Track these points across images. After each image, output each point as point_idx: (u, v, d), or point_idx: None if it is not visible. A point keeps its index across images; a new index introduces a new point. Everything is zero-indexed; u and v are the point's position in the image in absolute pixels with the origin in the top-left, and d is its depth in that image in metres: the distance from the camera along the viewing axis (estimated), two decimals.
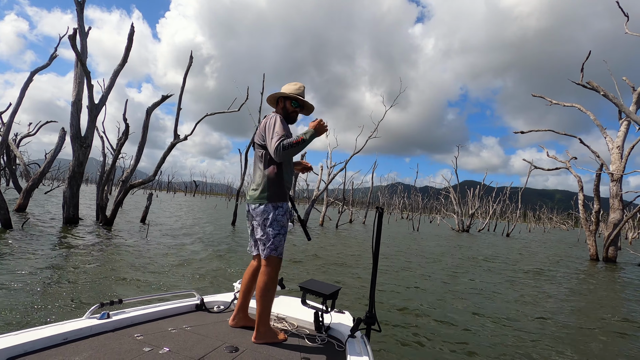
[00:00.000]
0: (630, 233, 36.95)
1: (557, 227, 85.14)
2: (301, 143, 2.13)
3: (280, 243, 2.20)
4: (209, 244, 9.77)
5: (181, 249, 8.47)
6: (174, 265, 6.70)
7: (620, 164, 14.70)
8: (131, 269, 6.00)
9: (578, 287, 8.43)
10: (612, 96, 6.20)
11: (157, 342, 1.90)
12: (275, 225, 2.20)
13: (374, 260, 2.17)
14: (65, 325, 1.86)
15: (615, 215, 14.53)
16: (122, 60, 11.57)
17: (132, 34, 11.41)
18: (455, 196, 32.71)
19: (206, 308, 2.56)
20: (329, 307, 2.34)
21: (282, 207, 2.22)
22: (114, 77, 11.63)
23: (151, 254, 7.48)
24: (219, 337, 2.10)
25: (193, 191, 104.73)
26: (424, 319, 4.71)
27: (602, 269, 12.43)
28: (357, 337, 2.16)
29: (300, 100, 2.37)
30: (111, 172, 10.98)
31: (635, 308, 6.59)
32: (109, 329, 1.99)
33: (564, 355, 3.87)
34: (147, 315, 2.24)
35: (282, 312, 2.55)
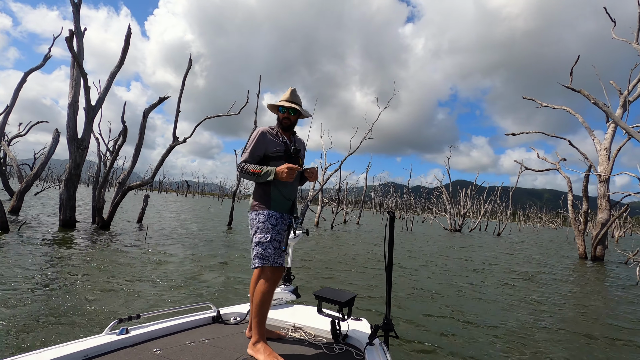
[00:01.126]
0: (617, 232, 37.92)
1: (546, 226, 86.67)
2: (255, 175, 2.16)
3: (267, 252, 2.13)
4: (208, 247, 9.84)
5: (181, 254, 8.53)
6: (177, 272, 6.77)
7: (608, 166, 15.14)
8: (135, 278, 6.06)
9: (569, 286, 8.72)
10: (601, 104, 6.48)
11: (176, 356, 1.91)
12: (257, 233, 2.17)
13: (389, 266, 2.15)
14: (85, 342, 1.87)
15: (603, 215, 14.97)
16: (119, 62, 11.54)
17: (129, 35, 11.40)
18: (448, 196, 33.15)
19: (223, 320, 2.55)
20: (345, 314, 2.31)
21: (263, 214, 2.18)
22: (111, 78, 11.60)
23: (153, 260, 7.54)
24: (237, 349, 2.09)
25: (185, 191, 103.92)
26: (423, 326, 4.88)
27: (591, 267, 12.82)
28: (376, 345, 2.13)
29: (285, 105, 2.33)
30: (109, 174, 10.96)
31: (621, 306, 6.87)
32: (128, 345, 2.00)
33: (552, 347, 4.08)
34: (165, 329, 2.24)
35: (298, 321, 2.54)
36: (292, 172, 2.13)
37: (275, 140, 2.28)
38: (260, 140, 2.24)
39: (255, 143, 2.23)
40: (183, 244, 9.56)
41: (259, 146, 2.24)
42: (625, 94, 14.98)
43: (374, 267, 8.72)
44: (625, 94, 14.96)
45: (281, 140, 2.31)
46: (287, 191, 2.27)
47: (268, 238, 2.13)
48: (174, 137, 10.50)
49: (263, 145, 2.24)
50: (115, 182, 11.15)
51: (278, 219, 2.20)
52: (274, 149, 2.25)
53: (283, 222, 2.23)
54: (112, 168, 11.76)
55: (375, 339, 2.14)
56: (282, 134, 2.36)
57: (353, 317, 2.51)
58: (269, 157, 2.26)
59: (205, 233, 12.78)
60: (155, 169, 10.26)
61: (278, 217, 2.21)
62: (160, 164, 10.33)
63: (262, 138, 2.25)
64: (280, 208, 2.23)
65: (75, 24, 11.15)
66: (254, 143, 2.23)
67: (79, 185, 10.96)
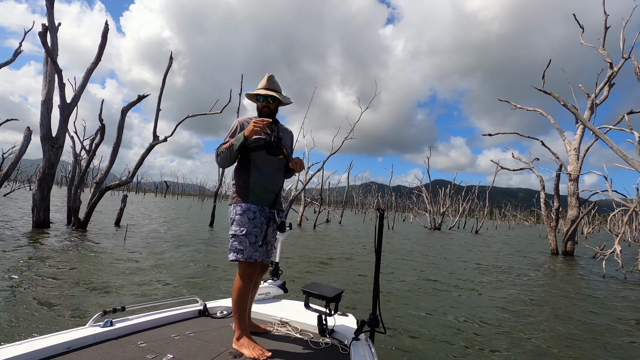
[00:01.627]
0: (586, 228, 39.77)
1: (521, 223, 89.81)
2: (229, 149, 2.09)
3: (242, 245, 2.07)
4: (189, 246, 9.73)
5: (162, 253, 8.41)
6: (158, 270, 6.69)
7: (577, 165, 15.90)
8: (115, 277, 5.96)
9: (542, 279, 9.14)
10: (570, 106, 6.86)
11: (161, 349, 1.89)
12: (233, 225, 2.13)
13: (377, 262, 2.18)
14: (68, 334, 1.84)
15: (573, 212, 15.71)
16: (96, 59, 11.22)
17: (107, 31, 11.09)
18: (428, 195, 33.87)
19: (209, 314, 2.54)
20: (332, 310, 2.33)
21: (240, 206, 2.12)
22: (87, 75, 11.27)
23: (133, 260, 7.41)
24: (223, 342, 2.09)
25: (164, 192, 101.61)
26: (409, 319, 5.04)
27: (562, 261, 13.44)
28: (362, 340, 2.16)
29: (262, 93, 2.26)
30: (85, 173, 10.63)
31: (589, 297, 7.28)
32: (112, 337, 1.98)
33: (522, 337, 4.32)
34: (150, 322, 2.22)
35: (285, 316, 2.55)
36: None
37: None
38: (238, 130, 2.18)
39: (232, 133, 2.18)
40: (163, 244, 9.41)
41: (236, 133, 2.18)
42: (592, 97, 15.78)
43: (358, 264, 8.86)
44: (592, 97, 15.76)
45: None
46: (267, 182, 2.19)
47: (244, 231, 2.07)
48: (154, 136, 10.29)
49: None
50: (92, 182, 10.83)
51: (256, 212, 2.12)
52: (253, 138, 2.16)
53: (262, 215, 2.14)
54: (89, 168, 11.42)
55: (361, 334, 2.16)
56: None
57: (340, 312, 2.52)
58: (249, 148, 2.18)
59: (187, 233, 12.60)
60: (135, 168, 10.01)
61: (256, 210, 2.12)
62: (139, 164, 10.10)
63: (240, 128, 2.19)
64: (260, 200, 2.15)
65: (49, 18, 10.77)
66: (233, 133, 2.18)
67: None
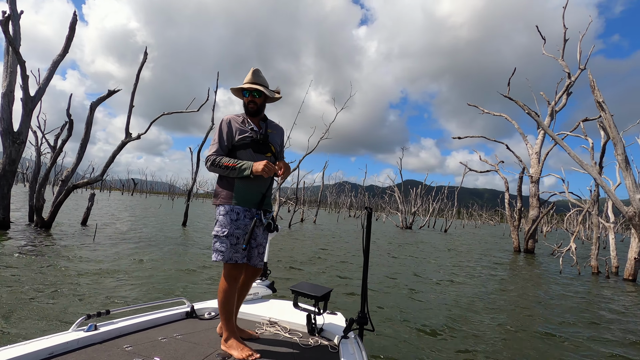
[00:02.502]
0: (545, 227, 42.29)
1: (486, 222, 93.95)
2: (229, 169, 2.06)
3: (223, 247, 2.03)
4: (162, 246, 9.53)
5: (134, 255, 8.20)
6: (131, 272, 6.55)
7: (538, 168, 16.95)
8: (85, 280, 5.79)
9: (505, 271, 9.72)
10: (533, 114, 7.39)
11: (147, 352, 1.86)
12: (216, 226, 2.10)
13: (365, 260, 2.19)
14: (50, 340, 1.78)
15: (534, 212, 16.74)
16: (63, 50, 10.69)
17: (75, 22, 10.60)
18: (400, 195, 34.75)
19: (197, 315, 2.51)
20: (321, 309, 2.33)
21: (224, 207, 2.09)
22: (53, 68, 10.72)
23: (103, 261, 7.19)
24: (211, 344, 2.06)
25: (131, 190, 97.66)
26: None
27: (523, 259, 14.30)
28: (350, 338, 2.16)
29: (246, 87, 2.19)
30: (50, 170, 10.10)
31: (547, 291, 7.85)
32: (97, 341, 1.93)
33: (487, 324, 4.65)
34: (136, 325, 2.17)
35: (274, 316, 2.53)
36: (270, 169, 2.03)
37: (242, 127, 2.16)
38: (225, 129, 2.13)
39: (221, 133, 2.12)
40: (135, 245, 9.16)
41: (225, 136, 2.13)
42: (552, 104, 16.86)
43: (338, 265, 9.04)
44: (552, 105, 16.84)
45: (247, 126, 2.17)
46: (254, 183, 2.13)
47: (225, 232, 2.03)
48: (127, 133, 9.94)
49: (230, 135, 2.13)
50: (58, 179, 10.32)
51: (240, 213, 2.08)
52: (239, 136, 2.13)
53: (247, 216, 2.09)
54: (54, 165, 10.87)
55: (350, 333, 2.17)
56: (250, 120, 2.22)
57: (329, 311, 2.54)
58: (236, 146, 2.14)
59: (158, 233, 12.29)
60: (105, 166, 9.63)
61: (240, 211, 2.08)
62: (110, 161, 9.72)
63: (227, 127, 2.14)
64: (244, 201, 2.10)
65: (10, 5, 10.16)
66: (220, 133, 2.13)
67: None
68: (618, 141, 5.36)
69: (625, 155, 5.34)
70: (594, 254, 11.41)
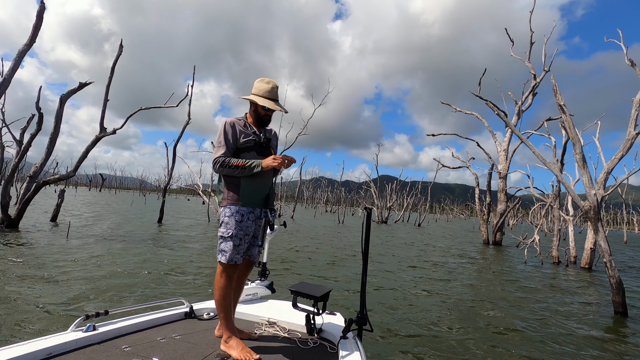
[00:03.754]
0: (512, 220, 44.50)
1: (457, 216, 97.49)
2: (240, 168, 2.11)
3: (226, 247, 2.10)
4: (140, 245, 9.39)
5: (111, 254, 8.06)
6: (110, 272, 6.48)
7: (506, 164, 17.87)
8: (62, 281, 5.69)
9: (475, 262, 10.30)
10: (502, 115, 7.85)
11: (146, 353, 1.87)
12: (221, 227, 2.16)
13: (364, 261, 2.21)
14: (48, 340, 1.79)
15: (502, 206, 17.66)
16: (30, 40, 10.16)
17: (42, 11, 10.11)
18: (376, 190, 35.47)
19: (196, 315, 2.52)
20: (320, 309, 2.33)
21: (229, 208, 2.15)
22: (19, 58, 10.17)
23: (79, 261, 7.05)
24: (210, 344, 2.07)
25: (99, 185, 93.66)
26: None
27: (492, 250, 15.11)
28: (349, 338, 2.17)
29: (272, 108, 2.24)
30: (18, 166, 9.62)
31: (513, 278, 8.43)
32: (96, 342, 1.94)
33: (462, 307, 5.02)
34: (135, 325, 2.17)
35: (273, 316, 2.54)
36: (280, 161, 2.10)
37: (244, 131, 2.23)
38: (230, 131, 2.19)
39: (226, 135, 2.18)
40: (110, 243, 8.97)
41: (231, 138, 2.19)
42: (519, 104, 17.79)
43: (317, 259, 9.24)
44: (519, 104, 17.76)
45: (250, 130, 2.26)
46: (258, 183, 2.20)
47: (230, 233, 2.10)
48: (101, 128, 9.62)
49: (235, 137, 2.20)
50: (25, 175, 9.89)
51: (244, 214, 2.15)
52: (244, 139, 2.20)
53: (250, 218, 2.17)
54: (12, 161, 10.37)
55: (349, 333, 2.18)
56: (251, 124, 2.30)
57: (328, 311, 2.54)
58: (240, 149, 2.20)
59: (134, 230, 12.03)
60: (78, 161, 9.28)
61: (245, 212, 2.15)
62: (83, 157, 9.38)
63: (232, 129, 2.20)
64: (250, 202, 2.18)
65: None
66: (227, 135, 2.18)
67: None
68: (577, 141, 5.85)
69: (582, 155, 5.84)
70: (555, 245, 12.26)
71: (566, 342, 4.29)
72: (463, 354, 3.68)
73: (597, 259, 11.78)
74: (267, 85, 2.26)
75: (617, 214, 69.96)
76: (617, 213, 70.44)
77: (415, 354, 3.60)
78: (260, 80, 2.28)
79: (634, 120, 6.71)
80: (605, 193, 8.21)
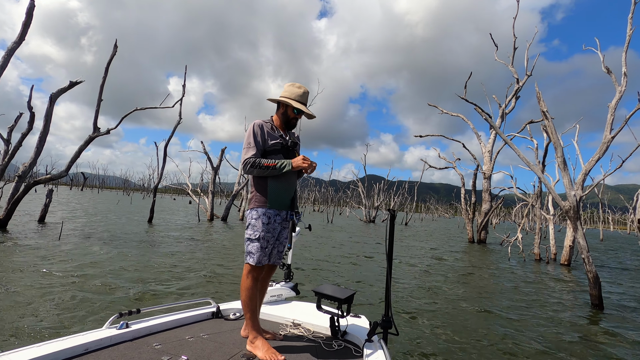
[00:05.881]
0: (495, 219, 45.77)
1: (442, 215, 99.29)
2: (270, 169, 2.13)
3: (253, 249, 2.13)
4: (134, 245, 9.41)
5: (107, 253, 8.08)
6: (110, 273, 6.54)
7: (490, 165, 18.48)
8: (57, 283, 5.74)
9: (462, 260, 10.71)
10: (490, 120, 8.28)
11: (175, 351, 1.93)
12: (248, 229, 2.18)
13: (388, 263, 2.20)
14: (86, 336, 1.89)
15: (486, 205, 18.26)
16: (19, 38, 10.02)
17: (32, 8, 9.99)
18: (364, 190, 35.91)
19: (222, 315, 2.57)
20: (344, 311, 2.31)
21: (256, 211, 2.18)
22: (8, 56, 10.01)
23: (73, 262, 7.06)
24: (236, 344, 2.11)
25: (80, 185, 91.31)
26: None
27: (477, 248, 15.65)
28: (375, 342, 2.15)
29: (305, 113, 2.31)
30: (7, 166, 9.47)
31: (498, 273, 8.85)
32: (128, 339, 2.02)
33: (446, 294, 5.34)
34: (165, 324, 2.26)
35: (297, 317, 2.57)
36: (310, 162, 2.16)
37: (272, 133, 2.26)
38: (259, 132, 2.21)
39: (255, 137, 2.20)
40: (105, 243, 8.96)
41: (260, 139, 2.21)
42: (503, 107, 18.42)
43: (310, 260, 9.45)
44: (503, 107, 18.39)
45: (277, 134, 2.28)
46: (285, 185, 2.23)
47: (257, 236, 2.13)
48: (95, 128, 9.56)
49: (263, 138, 2.22)
50: (14, 175, 9.76)
51: (271, 217, 2.18)
52: (271, 142, 2.23)
53: (276, 220, 2.20)
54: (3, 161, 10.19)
55: (374, 336, 2.17)
56: (278, 127, 2.33)
57: (352, 314, 2.54)
58: (267, 151, 2.22)
59: (125, 230, 11.97)
60: (71, 161, 9.19)
61: (272, 214, 2.18)
62: (76, 156, 9.30)
63: (261, 130, 2.22)
64: (277, 204, 2.21)
65: None
66: (256, 136, 2.20)
67: None
68: (558, 145, 6.26)
69: (563, 158, 6.25)
70: (536, 242, 12.83)
71: (546, 333, 4.65)
72: (444, 343, 3.98)
73: (576, 255, 12.40)
74: (299, 89, 2.30)
75: (593, 213, 72.71)
76: (593, 212, 73.22)
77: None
78: (292, 85, 2.32)
79: (609, 124, 7.20)
80: (583, 193, 8.73)
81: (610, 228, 67.26)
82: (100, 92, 9.72)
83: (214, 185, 20.43)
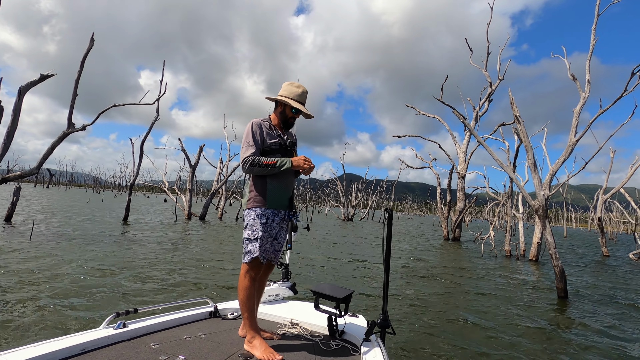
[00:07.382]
0: (467, 218, 47.40)
1: (417, 214, 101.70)
2: (270, 167, 2.12)
3: (252, 249, 2.13)
4: (109, 244, 9.18)
5: (81, 254, 7.86)
6: (85, 274, 6.40)
7: (465, 165, 19.18)
8: (29, 284, 5.58)
9: (438, 256, 11.12)
10: (467, 122, 8.66)
11: (173, 351, 1.92)
12: (246, 229, 2.17)
13: (386, 263, 2.21)
14: (83, 336, 1.88)
15: (460, 204, 18.95)
16: None
17: None
18: (342, 189, 36.27)
19: (220, 315, 2.57)
20: (342, 310, 2.32)
21: (255, 210, 2.16)
22: None
23: (48, 263, 6.85)
24: (234, 344, 2.11)
25: (46, 182, 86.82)
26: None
27: (452, 245, 16.24)
28: (372, 341, 2.16)
29: (303, 113, 2.31)
30: None
31: (471, 268, 9.29)
32: (126, 339, 2.01)
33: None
34: (162, 323, 2.25)
35: (295, 317, 2.57)
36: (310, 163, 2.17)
37: (270, 133, 2.25)
38: (258, 131, 2.21)
39: (254, 135, 2.19)
40: (77, 242, 8.67)
41: (259, 138, 2.20)
42: (477, 109, 19.16)
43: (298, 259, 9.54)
44: (477, 109, 19.14)
45: (275, 133, 2.27)
46: (283, 185, 2.22)
47: (255, 235, 2.13)
48: (69, 123, 9.17)
49: (262, 137, 2.21)
50: None
51: (269, 217, 2.17)
52: (270, 141, 2.22)
53: (277, 219, 2.20)
54: None
55: (372, 335, 2.18)
56: (275, 127, 2.31)
57: (350, 313, 2.55)
58: (266, 150, 2.21)
59: (99, 229, 11.60)
60: (43, 157, 8.81)
61: (270, 214, 2.17)
62: (49, 152, 8.90)
63: (259, 129, 2.21)
64: (276, 204, 2.20)
65: None
66: (255, 135, 2.19)
67: None
68: (529, 148, 6.66)
69: (534, 160, 6.66)
70: (507, 239, 13.49)
71: (516, 324, 4.98)
72: (417, 333, 4.21)
73: (543, 252, 13.14)
74: (298, 89, 2.29)
75: (557, 211, 76.77)
76: (557, 210, 77.28)
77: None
78: (290, 84, 2.31)
79: (574, 128, 7.73)
80: (550, 193, 9.30)
81: (573, 226, 71.23)
82: (76, 87, 9.35)
83: (192, 184, 20.07)
